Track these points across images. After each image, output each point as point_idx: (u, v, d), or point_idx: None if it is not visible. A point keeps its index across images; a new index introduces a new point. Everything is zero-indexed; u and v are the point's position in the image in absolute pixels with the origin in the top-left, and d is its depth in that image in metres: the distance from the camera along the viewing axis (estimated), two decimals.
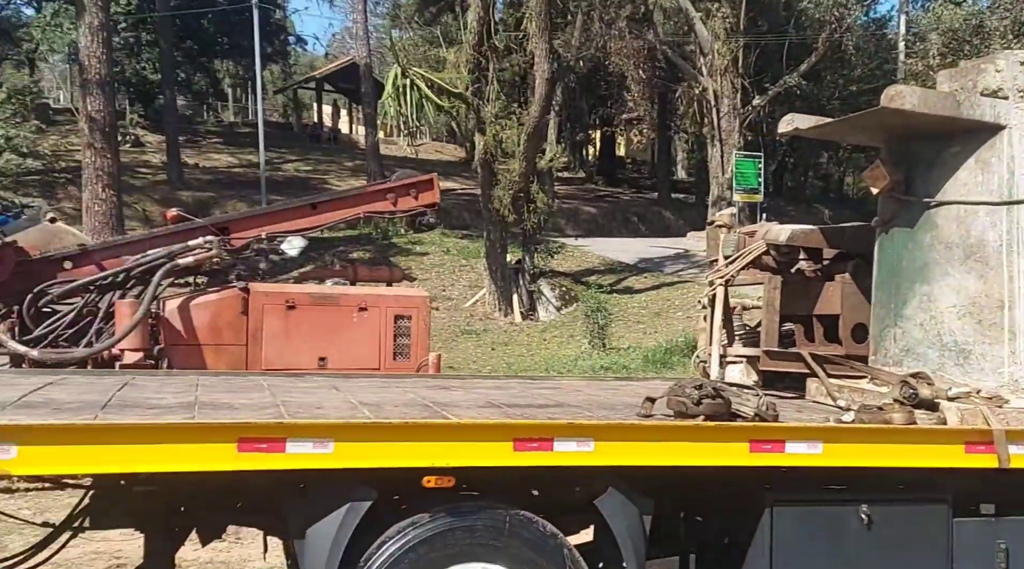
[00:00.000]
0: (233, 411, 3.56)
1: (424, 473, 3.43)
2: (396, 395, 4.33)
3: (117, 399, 3.80)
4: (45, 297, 6.26)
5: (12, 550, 5.33)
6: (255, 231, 6.90)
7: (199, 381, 4.76)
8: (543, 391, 4.94)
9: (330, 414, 3.58)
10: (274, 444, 3.13)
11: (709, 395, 3.65)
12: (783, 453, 3.67)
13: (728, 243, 5.37)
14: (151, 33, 31.89)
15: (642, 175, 43.96)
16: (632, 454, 3.55)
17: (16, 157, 22.00)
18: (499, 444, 3.38)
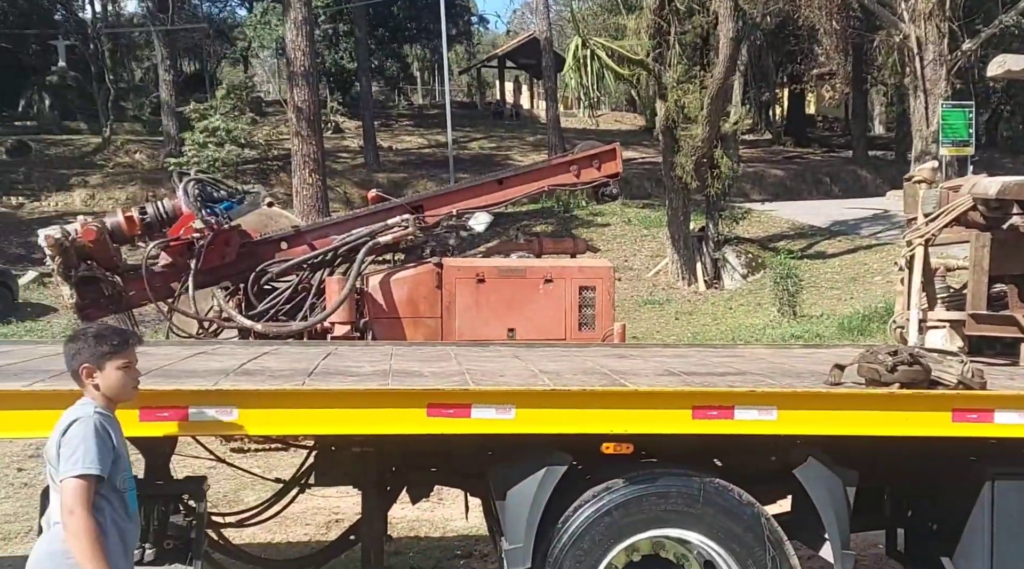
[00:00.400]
0: (423, 379, 3.75)
1: (603, 439, 3.52)
2: (575, 363, 4.39)
3: (322, 367, 4.12)
4: (266, 275, 6.61)
5: (247, 503, 5.87)
6: (447, 208, 7.02)
7: (393, 351, 5.01)
8: (724, 359, 4.84)
9: (512, 382, 3.66)
10: (460, 409, 3.32)
11: (905, 361, 3.46)
12: (991, 423, 3.45)
13: (928, 199, 5.00)
14: (347, 23, 33.67)
15: (834, 133, 41.51)
16: (818, 424, 3.42)
17: (235, 148, 23.74)
18: (678, 412, 3.39)
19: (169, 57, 30.06)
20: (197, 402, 3.25)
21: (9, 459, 8.19)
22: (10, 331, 15.24)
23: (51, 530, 2.87)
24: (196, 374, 3.80)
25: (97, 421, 2.87)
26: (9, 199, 24.09)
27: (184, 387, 3.33)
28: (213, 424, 3.29)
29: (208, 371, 3.87)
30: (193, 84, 36.42)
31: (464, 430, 3.36)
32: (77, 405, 2.93)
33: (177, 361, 4.31)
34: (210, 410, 3.25)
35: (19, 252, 20.36)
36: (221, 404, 3.26)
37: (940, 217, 4.86)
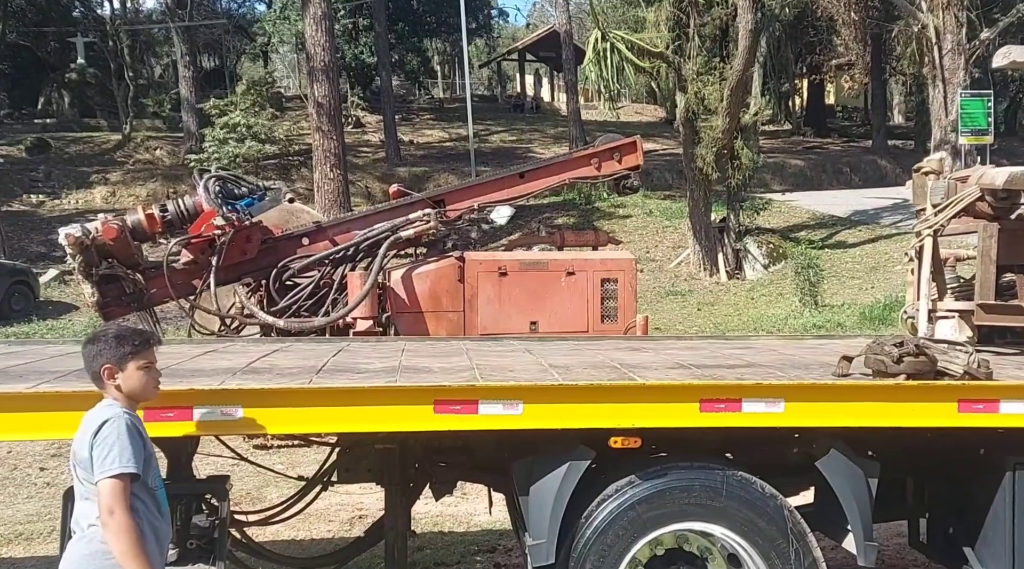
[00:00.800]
0: (432, 375, 3.71)
1: (611, 434, 3.48)
2: (587, 357, 4.37)
3: (331, 364, 4.08)
4: (287, 271, 6.56)
5: (270, 500, 5.95)
6: (468, 202, 6.98)
7: (405, 346, 5.00)
8: (735, 351, 4.83)
9: (520, 377, 3.63)
10: (467, 406, 3.29)
11: (911, 352, 3.44)
12: (997, 413, 3.45)
13: (936, 190, 4.99)
14: (367, 18, 33.73)
15: (854, 123, 41.20)
16: (825, 416, 3.42)
17: (256, 143, 23.90)
18: (685, 405, 3.37)
19: (188, 53, 30.23)
20: (201, 402, 3.22)
21: (31, 458, 8.26)
22: (31, 329, 15.41)
23: (86, 532, 2.88)
24: (204, 373, 3.78)
25: (128, 420, 2.89)
26: (29, 197, 24.33)
27: (189, 387, 3.31)
28: (218, 424, 3.26)
29: (216, 370, 3.85)
30: (213, 80, 36.65)
31: (472, 426, 3.34)
32: (103, 406, 2.94)
33: (186, 360, 4.31)
34: (215, 410, 3.22)
35: (40, 250, 20.56)
36: (226, 403, 3.24)
37: (948, 208, 4.85)
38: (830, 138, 35.90)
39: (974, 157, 17.14)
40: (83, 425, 2.92)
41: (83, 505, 2.90)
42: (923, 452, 3.98)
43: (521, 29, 55.14)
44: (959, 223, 5.07)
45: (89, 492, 2.87)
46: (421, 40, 40.76)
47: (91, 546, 2.86)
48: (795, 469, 3.91)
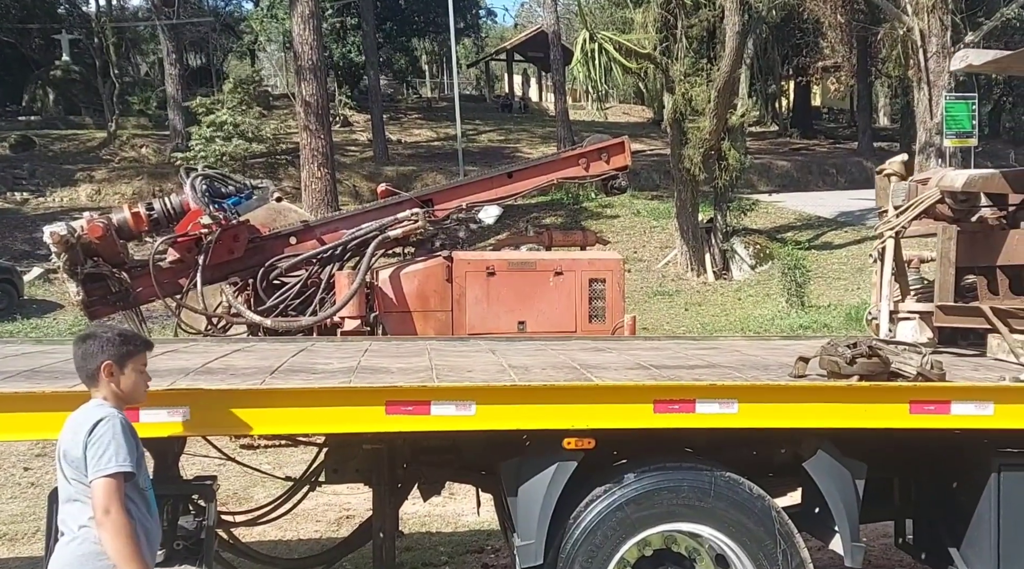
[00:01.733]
0: (388, 375, 3.69)
1: (565, 435, 3.47)
2: (549, 358, 4.37)
3: (288, 365, 4.05)
4: (275, 271, 6.56)
5: (257, 500, 5.98)
6: (456, 202, 6.98)
7: (368, 347, 4.98)
8: (699, 352, 4.85)
9: (477, 378, 3.61)
10: (419, 407, 3.28)
11: (864, 354, 3.48)
12: (948, 415, 3.48)
13: (898, 192, 5.03)
14: (355, 17, 33.62)
15: (840, 125, 41.49)
16: (778, 417, 3.43)
17: (243, 142, 23.77)
18: (639, 406, 3.37)
19: (175, 51, 30.02)
20: (149, 403, 3.16)
21: (16, 459, 8.20)
22: (15, 328, 15.28)
23: (76, 533, 2.86)
24: (156, 373, 3.66)
25: (122, 419, 2.89)
26: (13, 195, 24.11)
27: None
28: (166, 426, 3.20)
29: (169, 370, 3.79)
30: (199, 78, 36.42)
31: (424, 427, 3.33)
32: (94, 405, 2.92)
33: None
34: (162, 411, 3.17)
35: (24, 248, 20.39)
36: (173, 405, 3.18)
37: (909, 210, 4.90)
38: (816, 140, 36.10)
39: (959, 159, 17.30)
40: (73, 424, 2.90)
41: (71, 506, 2.88)
42: (909, 453, 4.00)
43: (509, 29, 55.16)
44: (920, 225, 5.12)
45: (79, 492, 2.85)
46: (409, 39, 40.70)
47: (83, 547, 2.84)
48: (782, 470, 3.92)
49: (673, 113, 17.97)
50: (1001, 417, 3.49)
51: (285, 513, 4.77)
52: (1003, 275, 4.83)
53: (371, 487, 4.36)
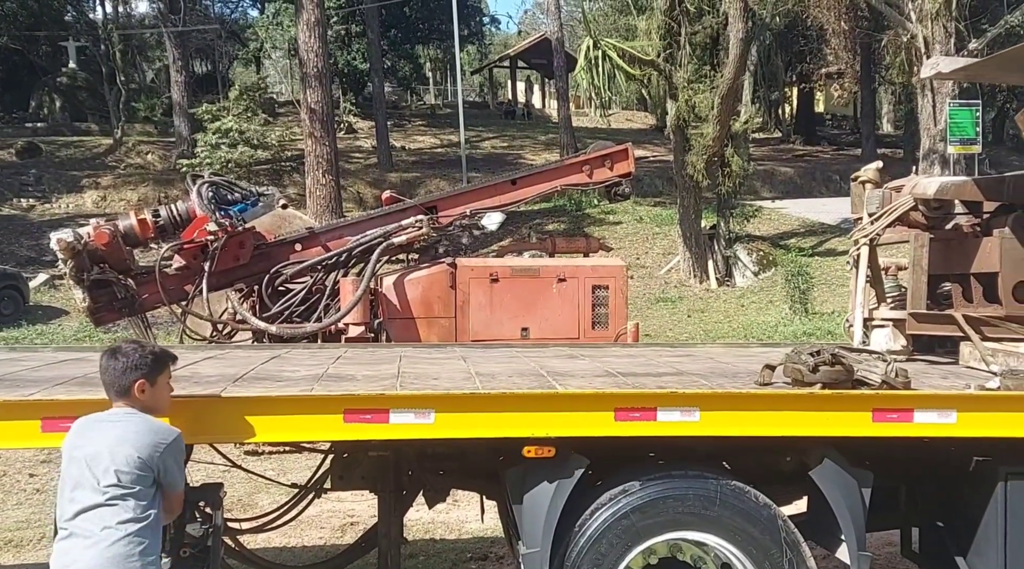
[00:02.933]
0: (352, 383, 3.68)
1: (525, 443, 3.45)
2: (519, 365, 4.36)
3: (255, 373, 4.04)
4: (280, 277, 6.58)
5: (261, 507, 5.97)
6: (460, 208, 7.00)
7: (343, 354, 4.97)
8: (673, 359, 4.82)
9: (440, 385, 3.60)
10: (378, 415, 3.25)
11: (827, 362, 3.47)
12: (911, 423, 3.46)
13: (872, 199, 5.04)
14: (359, 24, 33.73)
15: (843, 131, 41.47)
16: (740, 425, 3.42)
17: (248, 149, 23.82)
18: (600, 414, 3.35)
19: (181, 58, 30.13)
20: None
21: (21, 465, 8.21)
22: (21, 334, 15.32)
23: (99, 536, 2.91)
24: None
25: None
26: (20, 201, 24.19)
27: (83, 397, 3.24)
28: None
29: None
30: (205, 85, 36.57)
31: (382, 436, 3.32)
32: (145, 417, 3.05)
33: None
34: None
35: (30, 255, 20.44)
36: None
37: (883, 217, 4.90)
38: (819, 146, 36.10)
39: (963, 166, 17.30)
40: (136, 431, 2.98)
41: (101, 510, 2.92)
42: (916, 461, 3.99)
43: (512, 36, 55.24)
44: (894, 232, 5.12)
45: (116, 497, 2.92)
46: (413, 47, 40.83)
47: (114, 549, 2.90)
48: (788, 478, 3.91)
49: (676, 120, 17.98)
50: (964, 425, 3.48)
51: (291, 520, 4.77)
52: (977, 283, 4.82)
53: (376, 494, 4.36)
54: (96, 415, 3.07)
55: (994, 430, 3.50)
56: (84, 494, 2.95)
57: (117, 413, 3.06)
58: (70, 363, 4.50)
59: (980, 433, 3.51)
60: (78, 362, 4.52)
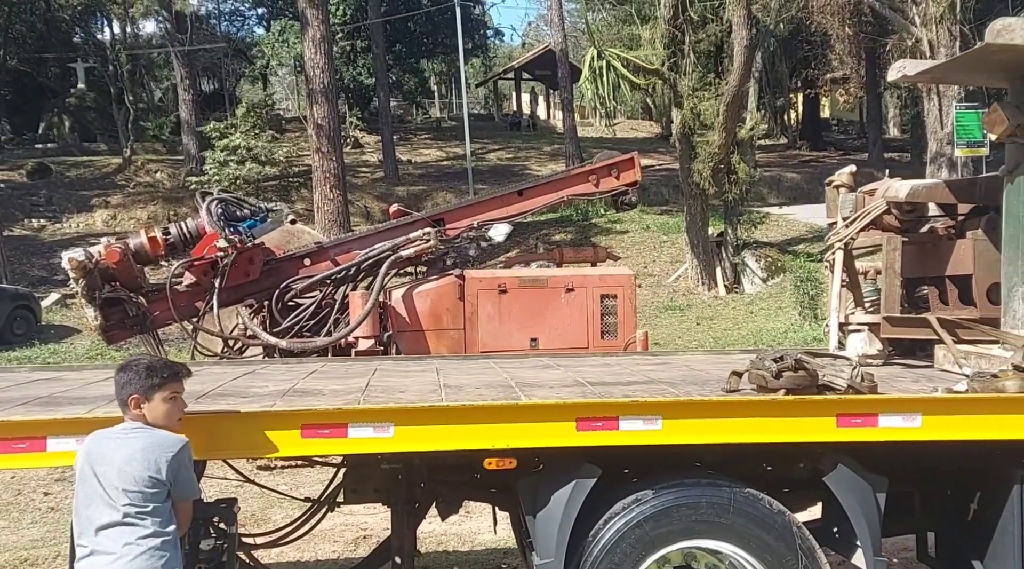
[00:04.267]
0: (316, 398, 3.67)
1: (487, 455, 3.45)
2: (490, 376, 4.35)
3: (223, 388, 4.04)
4: (289, 292, 6.60)
5: (275, 521, 5.98)
6: (467, 221, 7.03)
7: (318, 368, 4.98)
8: (649, 367, 4.79)
9: (406, 398, 3.58)
10: (336, 429, 3.25)
11: (790, 367, 3.44)
12: (876, 427, 3.43)
13: (845, 204, 5.02)
14: (364, 40, 33.94)
15: (849, 136, 41.46)
16: (703, 433, 3.39)
17: (256, 165, 23.98)
18: (561, 424, 3.34)
19: (188, 76, 30.39)
20: (55, 432, 3.14)
21: (36, 483, 8.24)
22: (33, 353, 15.40)
23: (119, 552, 2.94)
24: (84, 400, 3.68)
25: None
26: (30, 221, 24.37)
27: (48, 417, 3.23)
28: (70, 454, 3.14)
29: (97, 397, 3.75)
30: (212, 103, 36.80)
31: (341, 450, 3.34)
32: (150, 431, 3.07)
33: (80, 386, 4.27)
34: (70, 440, 3.13)
35: (42, 274, 20.58)
36: (73, 433, 3.14)
37: (856, 221, 4.88)
38: (826, 151, 36.06)
39: (970, 169, 17.24)
40: (153, 444, 3.00)
41: (121, 527, 2.95)
42: (931, 465, 3.97)
43: (517, 48, 55.46)
44: (867, 236, 5.11)
45: (132, 513, 2.95)
46: (418, 61, 41.02)
47: (135, 565, 2.93)
48: (802, 484, 3.90)
49: (682, 128, 18.02)
50: (928, 429, 3.45)
51: (304, 534, 4.78)
52: (953, 285, 4.81)
53: (389, 507, 4.37)
54: (104, 431, 3.08)
55: (959, 433, 3.47)
56: (101, 511, 2.97)
57: (125, 429, 3.06)
58: (41, 383, 4.47)
59: (945, 437, 3.47)
60: (48, 382, 4.50)
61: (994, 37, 3.87)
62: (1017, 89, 4.34)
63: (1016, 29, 3.84)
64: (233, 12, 43.32)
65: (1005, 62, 4.16)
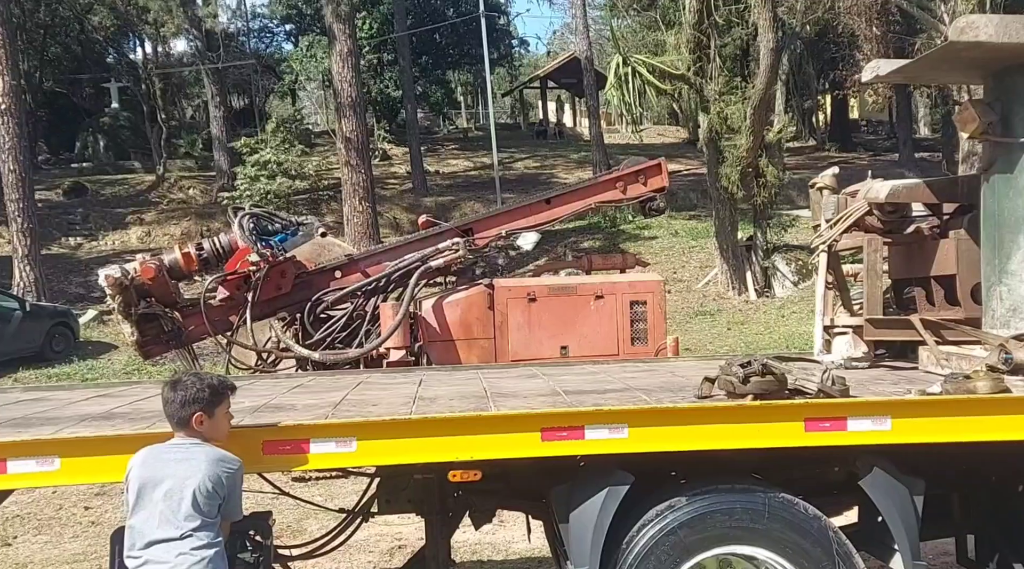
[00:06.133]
0: (286, 413, 3.68)
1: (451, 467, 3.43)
2: (468, 387, 4.36)
3: None
4: (321, 304, 6.61)
5: (310, 533, 6.05)
6: (496, 230, 7.02)
7: (303, 382, 5.02)
8: (631, 375, 4.76)
9: (376, 411, 3.58)
10: (297, 445, 3.27)
11: (757, 372, 3.42)
12: (845, 431, 3.39)
13: (828, 206, 4.99)
14: (391, 53, 34.23)
15: (879, 137, 40.99)
16: (670, 440, 3.37)
17: (287, 180, 24.26)
18: (526, 435, 3.33)
19: (219, 93, 30.83)
20: (16, 454, 3.17)
21: (76, 498, 8.38)
22: (72, 370, 15.68)
23: (174, 561, 3.01)
24: (56, 421, 3.71)
25: None
26: (68, 240, 24.82)
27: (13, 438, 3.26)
28: (39, 475, 3.21)
29: (71, 417, 3.79)
30: (243, 119, 37.29)
31: (303, 467, 3.34)
32: (209, 446, 3.15)
33: (62, 406, 4.31)
34: (29, 461, 3.18)
35: (79, 292, 20.94)
36: (42, 454, 3.19)
37: (839, 223, 4.84)
38: (855, 153, 35.68)
39: None
40: (206, 459, 3.08)
41: (175, 539, 3.02)
42: (968, 467, 3.93)
43: (542, 57, 55.56)
44: (851, 238, 5.04)
45: (192, 527, 3.03)
46: (444, 72, 41.27)
47: None
48: (838, 489, 3.86)
49: (709, 132, 17.95)
50: (898, 432, 3.39)
51: (340, 544, 4.81)
52: (938, 286, 4.75)
53: (423, 517, 4.39)
54: (161, 447, 3.16)
55: (929, 436, 3.42)
56: (155, 524, 3.04)
57: (182, 444, 3.15)
58: (23, 404, 4.49)
59: (915, 440, 3.43)
60: (32, 403, 4.53)
61: (958, 35, 3.82)
62: (990, 87, 4.29)
63: (980, 26, 3.80)
64: (262, 29, 43.99)
65: (974, 59, 4.11)
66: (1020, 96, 4.08)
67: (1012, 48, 3.87)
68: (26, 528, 7.67)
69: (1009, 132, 4.12)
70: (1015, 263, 4.15)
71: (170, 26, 29.45)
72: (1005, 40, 3.81)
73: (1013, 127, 4.11)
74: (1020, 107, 4.09)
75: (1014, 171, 4.11)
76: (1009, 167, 4.13)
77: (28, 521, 7.83)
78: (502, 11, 42.11)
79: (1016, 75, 4.10)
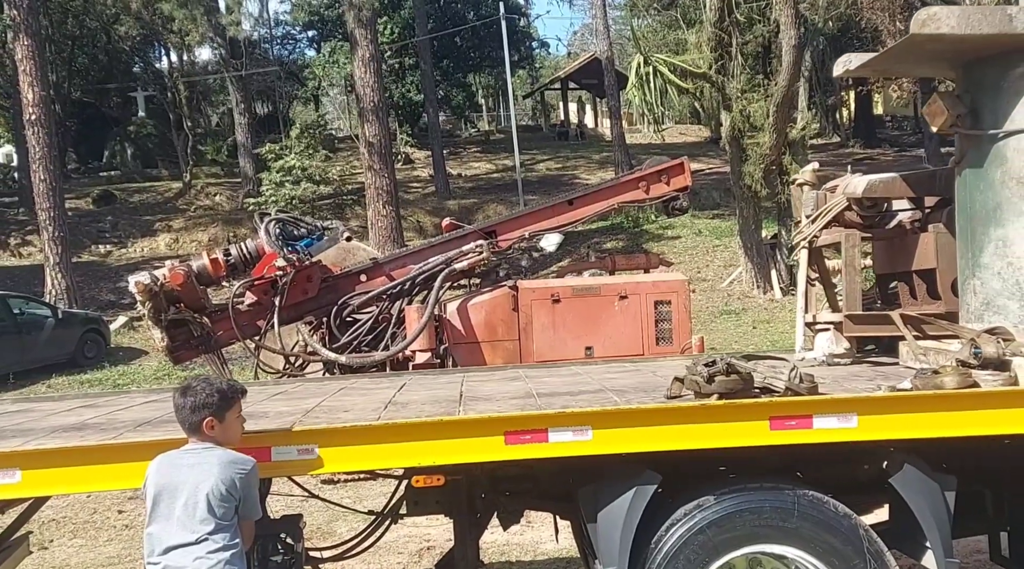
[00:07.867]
0: (261, 420, 3.66)
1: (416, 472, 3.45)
2: (446, 392, 4.35)
3: (170, 416, 3.79)
4: (347, 308, 6.65)
5: (340, 535, 6.08)
6: (519, 232, 7.04)
7: (292, 387, 5.06)
8: (611, 376, 4.73)
9: (346, 418, 3.59)
10: (260, 452, 3.27)
11: (722, 371, 3.41)
12: (811, 429, 3.36)
13: (808, 202, 4.94)
14: (412, 57, 34.39)
15: (904, 132, 40.52)
16: (632, 441, 3.35)
17: (311, 185, 24.44)
18: (489, 439, 3.32)
19: (243, 101, 31.12)
20: None
21: (110, 501, 8.49)
22: (104, 376, 15.89)
23: (201, 564, 3.05)
24: (31, 433, 3.71)
25: None
26: (97, 248, 25.18)
27: None
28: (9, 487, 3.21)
29: (44, 429, 3.80)
30: (267, 125, 37.62)
31: (265, 474, 3.35)
32: (222, 449, 3.18)
33: (41, 417, 4.31)
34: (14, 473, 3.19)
35: (109, 298, 21.23)
36: (4, 467, 3.19)
37: (819, 219, 4.81)
38: (880, 149, 35.33)
39: None
40: (218, 462, 3.12)
41: (192, 543, 3.05)
42: (1000, 463, 3.89)
43: (563, 58, 55.53)
44: (831, 234, 4.99)
45: (208, 530, 3.06)
46: (466, 75, 41.37)
47: None
48: (868, 486, 3.84)
49: (731, 130, 17.85)
50: (865, 429, 3.35)
51: (369, 546, 4.85)
52: (920, 280, 4.70)
53: (451, 518, 4.41)
54: (174, 453, 3.19)
55: (896, 433, 3.37)
56: (172, 529, 3.08)
57: (195, 449, 3.18)
58: (5, 416, 4.49)
59: (881, 436, 3.39)
60: (15, 414, 4.55)
61: (919, 27, 3.77)
62: (959, 79, 4.23)
63: (942, 18, 3.74)
64: (284, 36, 44.36)
65: (938, 51, 4.06)
66: (988, 88, 4.02)
67: (974, 40, 3.81)
68: (62, 532, 7.79)
69: (978, 124, 4.06)
70: (987, 256, 4.11)
71: (194, 35, 29.74)
72: (967, 32, 3.75)
73: (982, 119, 4.05)
74: (989, 99, 4.02)
75: (984, 164, 4.06)
76: (979, 160, 4.07)
77: (63, 525, 7.95)
78: (522, 13, 42.14)
79: (984, 67, 4.03)
